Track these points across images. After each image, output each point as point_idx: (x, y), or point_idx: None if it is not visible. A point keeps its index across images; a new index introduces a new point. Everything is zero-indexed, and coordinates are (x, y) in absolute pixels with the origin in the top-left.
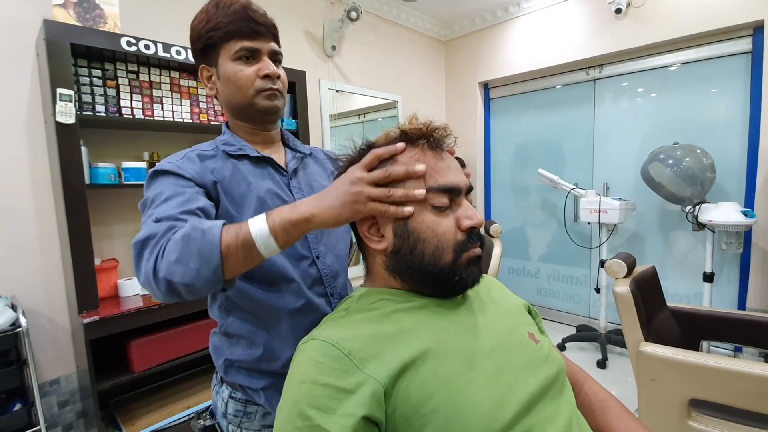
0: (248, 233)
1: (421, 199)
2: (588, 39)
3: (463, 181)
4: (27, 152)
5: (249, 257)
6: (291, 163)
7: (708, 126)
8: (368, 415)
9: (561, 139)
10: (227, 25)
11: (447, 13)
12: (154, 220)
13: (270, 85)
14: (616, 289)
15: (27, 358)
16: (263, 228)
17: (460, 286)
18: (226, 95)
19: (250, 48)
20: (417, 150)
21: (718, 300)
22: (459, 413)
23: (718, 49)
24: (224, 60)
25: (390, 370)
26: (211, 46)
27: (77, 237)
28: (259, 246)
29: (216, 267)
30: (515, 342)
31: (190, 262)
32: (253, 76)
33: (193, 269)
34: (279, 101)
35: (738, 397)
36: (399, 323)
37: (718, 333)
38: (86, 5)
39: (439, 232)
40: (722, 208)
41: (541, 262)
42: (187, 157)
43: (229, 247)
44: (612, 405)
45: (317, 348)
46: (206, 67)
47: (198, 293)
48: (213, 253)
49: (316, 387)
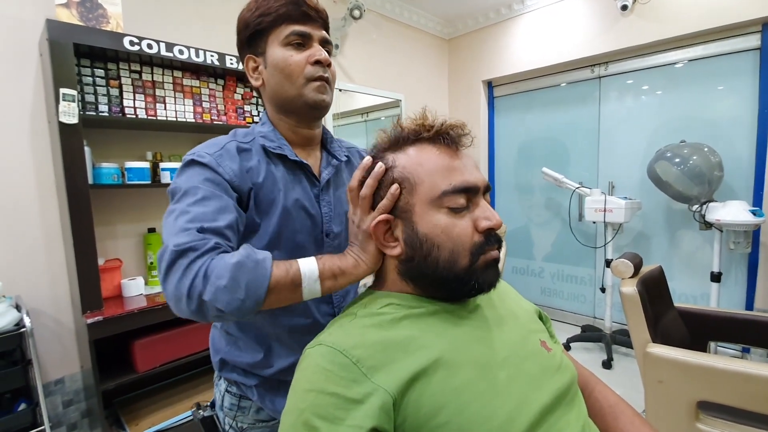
0: (297, 273)
1: (380, 171)
2: (593, 36)
3: (481, 180)
4: (31, 152)
5: (291, 297)
6: (325, 172)
7: (715, 124)
8: (377, 426)
9: (566, 137)
10: (278, 9)
11: (450, 11)
12: (198, 230)
13: (321, 72)
14: (623, 290)
15: (31, 358)
16: (313, 270)
17: (476, 290)
18: (273, 85)
19: (302, 32)
20: (433, 147)
21: (725, 300)
22: (471, 426)
23: (726, 46)
24: (273, 46)
25: (400, 380)
26: (259, 33)
27: (81, 237)
28: (304, 287)
29: (260, 301)
30: (528, 351)
31: (237, 291)
32: (303, 62)
33: (238, 299)
34: (328, 96)
35: (747, 400)
36: (408, 330)
37: (725, 334)
38: (89, 5)
39: (454, 235)
40: (730, 207)
41: (545, 261)
42: (226, 149)
43: (278, 283)
44: (623, 410)
45: (324, 355)
46: (252, 57)
47: (225, 320)
48: (261, 287)
49: (323, 396)
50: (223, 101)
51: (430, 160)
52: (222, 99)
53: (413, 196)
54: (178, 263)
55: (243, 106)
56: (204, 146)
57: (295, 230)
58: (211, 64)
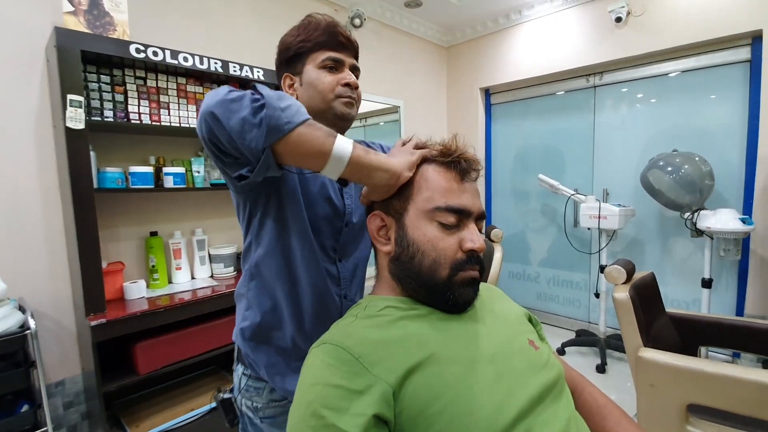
0: (333, 140)
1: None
2: (588, 47)
3: (475, 207)
4: (35, 156)
5: (318, 145)
6: None
7: (707, 134)
8: (378, 414)
9: (561, 144)
10: (317, 37)
11: (449, 20)
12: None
13: (349, 93)
14: (616, 295)
15: (35, 360)
16: (347, 145)
17: (452, 304)
18: (306, 99)
19: (335, 58)
20: (443, 169)
21: (716, 306)
22: (463, 415)
23: (718, 58)
24: (310, 68)
25: (397, 373)
26: (299, 56)
27: (85, 240)
28: (332, 154)
29: (291, 123)
30: (515, 349)
31: (281, 101)
32: (334, 82)
33: (280, 107)
34: (353, 110)
35: (736, 403)
36: (405, 329)
37: (716, 339)
38: (96, 13)
39: (439, 247)
40: (720, 215)
41: (541, 266)
42: None
43: (313, 123)
44: (611, 410)
45: (328, 352)
46: (290, 75)
47: (254, 147)
48: (301, 114)
49: (328, 388)
50: None
51: (437, 178)
52: None
53: (409, 202)
54: (231, 95)
55: None
56: None
57: (316, 215)
58: (214, 71)
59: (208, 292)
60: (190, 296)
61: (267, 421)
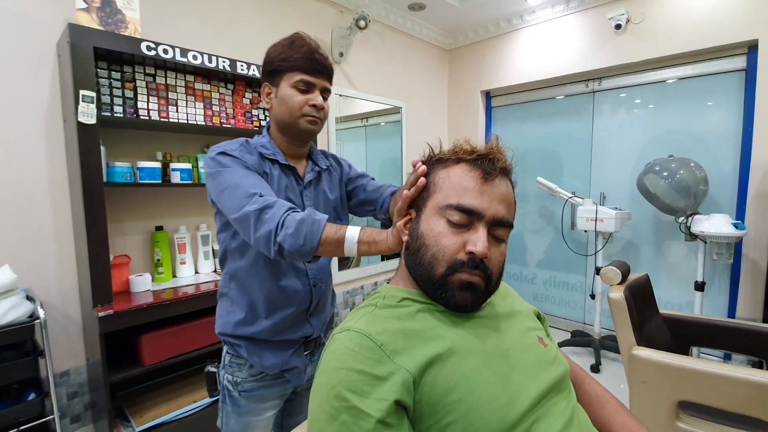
0: (343, 235)
1: (423, 177)
2: (588, 52)
3: (490, 211)
4: (45, 150)
5: (335, 251)
6: (308, 175)
7: (702, 140)
8: (400, 399)
9: (560, 148)
10: (296, 61)
11: (452, 23)
12: (260, 195)
13: (314, 113)
14: (611, 295)
15: (44, 349)
16: (354, 234)
17: (444, 303)
18: (278, 111)
19: (308, 81)
20: (468, 168)
21: (708, 308)
22: (478, 405)
23: (714, 66)
24: (285, 85)
25: (418, 363)
26: (277, 72)
27: (95, 233)
28: (345, 246)
29: (313, 248)
30: (526, 345)
31: (298, 238)
32: (303, 102)
33: (299, 244)
34: (317, 127)
35: (724, 400)
36: (424, 322)
37: (708, 340)
38: (108, 10)
39: (441, 243)
40: (714, 219)
41: (537, 267)
42: (243, 147)
43: (327, 238)
44: (608, 400)
45: (352, 338)
46: (268, 85)
47: (294, 258)
48: (315, 238)
49: (352, 373)
50: (232, 105)
51: (457, 177)
52: (231, 103)
53: (429, 199)
54: (261, 218)
55: (251, 110)
56: (226, 144)
57: None
58: (222, 69)
59: (211, 287)
60: (194, 290)
61: (244, 394)
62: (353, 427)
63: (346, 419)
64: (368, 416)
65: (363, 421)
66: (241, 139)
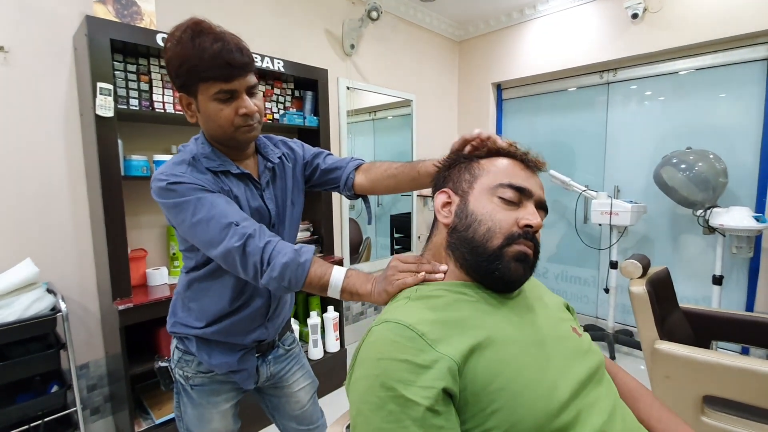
0: (328, 280)
1: (440, 279)
2: (603, 43)
3: (537, 190)
4: (63, 144)
5: (319, 293)
6: (263, 176)
7: (721, 132)
8: (447, 387)
9: (573, 141)
10: (205, 71)
11: (462, 14)
12: (236, 223)
13: (249, 122)
14: (633, 289)
15: (66, 342)
16: (338, 283)
17: (498, 276)
18: (207, 128)
19: (228, 90)
20: (511, 160)
21: (726, 303)
22: (522, 392)
23: (735, 56)
24: (203, 99)
25: (460, 351)
26: (189, 83)
27: (113, 227)
28: (329, 291)
29: (297, 288)
30: (560, 334)
31: (283, 281)
32: (232, 115)
33: (284, 287)
34: (256, 132)
35: (750, 395)
36: (460, 312)
37: (728, 334)
38: (124, 2)
39: (496, 218)
40: (734, 212)
41: (549, 262)
42: (189, 167)
43: (311, 281)
44: (643, 394)
45: (392, 329)
46: (185, 96)
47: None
48: (300, 282)
49: (395, 363)
50: None
51: (503, 164)
52: None
53: (476, 181)
54: (246, 254)
55: (265, 103)
56: (172, 167)
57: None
58: None
59: None
60: None
61: (196, 389)
62: (401, 416)
63: (393, 408)
64: (416, 404)
65: (411, 410)
66: (185, 157)
